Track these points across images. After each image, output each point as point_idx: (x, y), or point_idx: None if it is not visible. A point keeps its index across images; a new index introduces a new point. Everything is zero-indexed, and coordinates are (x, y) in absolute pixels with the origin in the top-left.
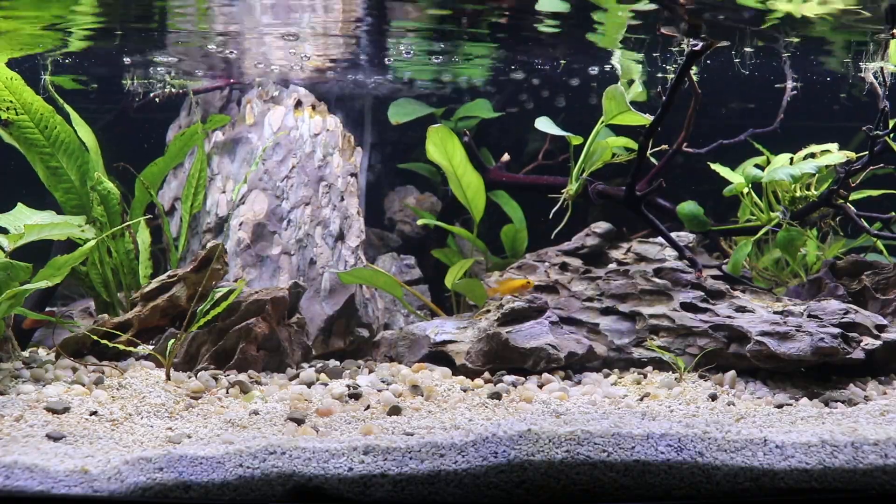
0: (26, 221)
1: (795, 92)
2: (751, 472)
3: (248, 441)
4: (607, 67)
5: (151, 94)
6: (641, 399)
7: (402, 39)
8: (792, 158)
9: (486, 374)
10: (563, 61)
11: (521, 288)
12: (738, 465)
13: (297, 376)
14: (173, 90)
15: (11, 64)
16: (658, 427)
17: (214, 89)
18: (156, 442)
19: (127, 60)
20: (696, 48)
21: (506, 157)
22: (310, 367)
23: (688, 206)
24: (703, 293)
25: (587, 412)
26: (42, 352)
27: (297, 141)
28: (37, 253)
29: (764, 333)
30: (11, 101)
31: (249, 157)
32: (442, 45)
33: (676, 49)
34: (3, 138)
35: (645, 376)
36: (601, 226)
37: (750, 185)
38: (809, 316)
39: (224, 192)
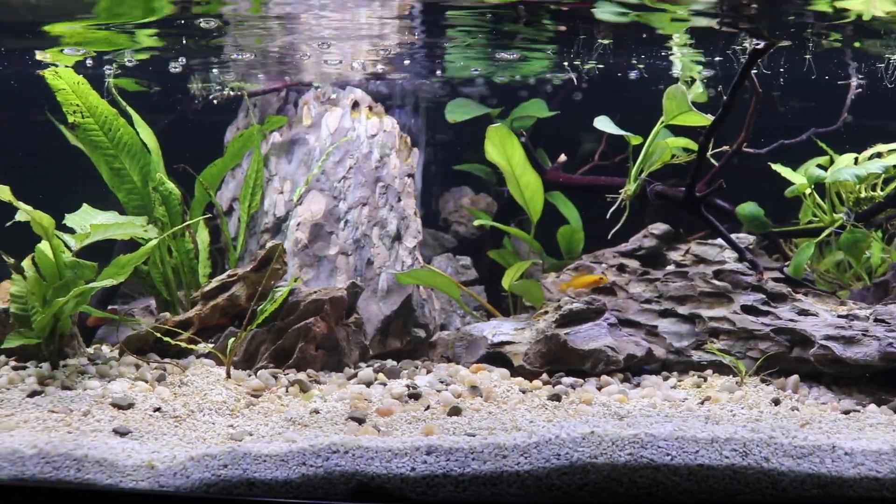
0: (92, 221)
1: (860, 90)
2: (818, 480)
3: (310, 439)
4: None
5: (210, 97)
6: (702, 403)
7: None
8: (857, 158)
9: (545, 376)
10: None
11: (594, 283)
12: (805, 472)
13: (355, 376)
14: (231, 93)
15: (77, 68)
16: (723, 431)
17: (272, 91)
18: (218, 439)
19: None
20: (758, 47)
21: (563, 157)
22: (367, 366)
23: (748, 208)
24: (764, 296)
25: (649, 415)
26: (105, 349)
27: (355, 142)
28: (98, 252)
29: (828, 337)
30: (78, 105)
31: (307, 159)
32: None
33: (739, 48)
34: (69, 140)
35: (705, 379)
36: (659, 227)
37: (812, 186)
38: (876, 320)
39: (282, 192)
